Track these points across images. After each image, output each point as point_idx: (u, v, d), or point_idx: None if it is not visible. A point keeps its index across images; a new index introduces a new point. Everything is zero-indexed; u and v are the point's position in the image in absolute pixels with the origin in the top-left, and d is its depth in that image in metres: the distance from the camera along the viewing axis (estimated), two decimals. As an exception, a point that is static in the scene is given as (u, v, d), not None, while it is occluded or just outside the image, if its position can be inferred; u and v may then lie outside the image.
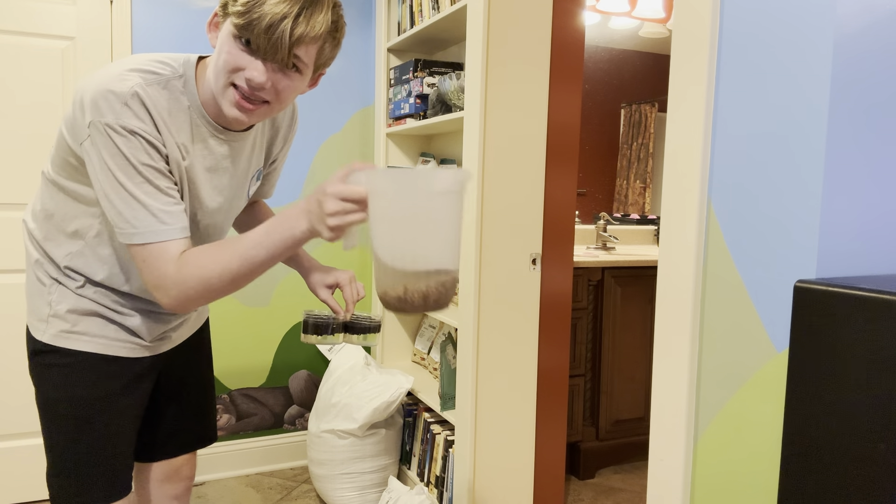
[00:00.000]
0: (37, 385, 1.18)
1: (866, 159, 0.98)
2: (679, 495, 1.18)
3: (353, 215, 0.94)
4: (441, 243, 0.96)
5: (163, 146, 1.02)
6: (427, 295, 0.96)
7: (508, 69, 1.94)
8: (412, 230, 0.94)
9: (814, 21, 0.95)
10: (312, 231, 0.97)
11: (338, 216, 0.93)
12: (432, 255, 0.95)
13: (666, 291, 1.20)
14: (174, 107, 1.05)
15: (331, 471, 2.30)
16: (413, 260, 0.95)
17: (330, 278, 1.36)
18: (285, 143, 1.32)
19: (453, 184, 0.95)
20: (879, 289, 0.80)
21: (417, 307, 0.96)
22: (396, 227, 0.94)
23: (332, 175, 0.95)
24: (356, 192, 0.92)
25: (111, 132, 0.97)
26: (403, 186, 0.93)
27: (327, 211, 0.92)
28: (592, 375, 2.71)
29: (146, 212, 0.99)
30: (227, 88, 1.02)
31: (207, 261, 0.99)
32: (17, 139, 2.24)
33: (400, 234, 0.94)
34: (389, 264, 0.94)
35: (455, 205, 0.96)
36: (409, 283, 0.95)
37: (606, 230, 3.17)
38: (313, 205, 0.95)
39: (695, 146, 1.14)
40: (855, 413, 0.82)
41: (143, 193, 0.99)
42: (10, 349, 2.28)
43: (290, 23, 0.96)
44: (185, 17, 2.43)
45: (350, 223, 0.94)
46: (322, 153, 2.71)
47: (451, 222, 0.97)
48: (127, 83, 0.98)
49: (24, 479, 2.33)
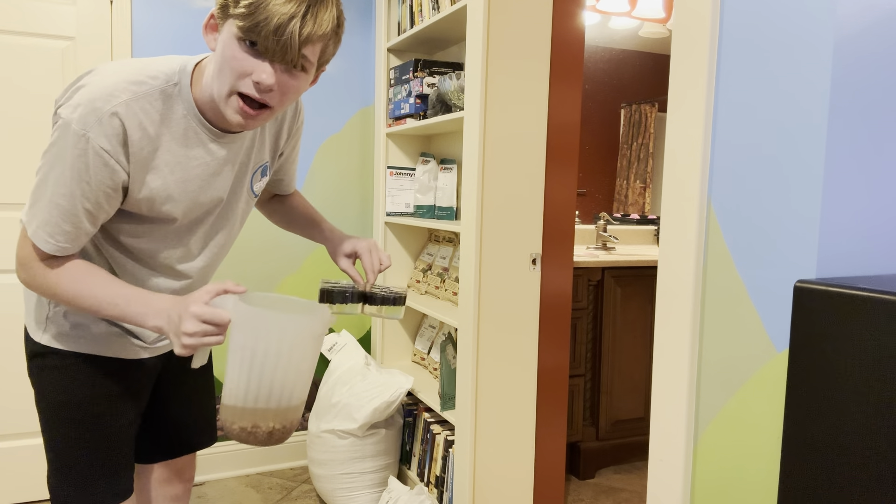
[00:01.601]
0: (36, 387, 1.17)
1: (866, 159, 0.98)
2: (679, 495, 1.18)
3: (210, 338, 0.94)
4: (298, 383, 0.97)
5: (122, 171, 1.02)
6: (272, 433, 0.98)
7: (508, 69, 1.94)
8: (270, 368, 0.94)
9: (814, 21, 0.95)
10: (162, 332, 0.99)
11: (194, 337, 0.93)
12: (285, 394, 0.96)
13: (666, 291, 1.20)
14: (166, 116, 1.04)
15: (331, 471, 2.30)
16: (267, 398, 0.95)
17: (349, 247, 1.34)
18: (290, 136, 1.31)
19: (318, 328, 0.97)
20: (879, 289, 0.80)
21: (262, 441, 0.98)
22: (256, 362, 0.93)
23: (202, 290, 0.96)
24: (219, 317, 0.93)
25: (72, 138, 0.97)
26: (268, 328, 0.93)
27: (185, 330, 0.93)
28: (592, 375, 2.71)
29: (46, 216, 1.00)
30: (230, 96, 1.00)
31: (67, 281, 1.02)
32: (17, 139, 2.24)
33: (257, 370, 0.94)
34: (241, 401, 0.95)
35: (316, 347, 0.99)
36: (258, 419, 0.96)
37: (606, 230, 3.17)
38: (175, 314, 0.96)
39: (695, 146, 1.14)
40: (855, 413, 0.82)
41: (56, 201, 0.99)
42: (10, 349, 2.28)
43: (298, 22, 0.95)
44: (185, 17, 2.43)
45: (205, 345, 0.95)
46: (322, 153, 2.70)
47: (310, 363, 0.99)
48: (113, 101, 0.98)
49: (24, 479, 2.33)
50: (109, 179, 1.01)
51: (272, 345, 0.93)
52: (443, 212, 2.35)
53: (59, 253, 1.03)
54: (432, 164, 2.46)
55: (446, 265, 2.46)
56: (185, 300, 0.96)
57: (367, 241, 1.33)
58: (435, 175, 2.45)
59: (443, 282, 2.43)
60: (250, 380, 0.94)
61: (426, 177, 2.46)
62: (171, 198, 1.09)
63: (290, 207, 1.46)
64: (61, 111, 0.99)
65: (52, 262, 1.04)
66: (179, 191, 1.09)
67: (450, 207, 2.33)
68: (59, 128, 0.98)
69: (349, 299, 1.31)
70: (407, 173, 2.56)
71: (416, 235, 2.70)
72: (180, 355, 0.96)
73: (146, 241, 1.13)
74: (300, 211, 1.45)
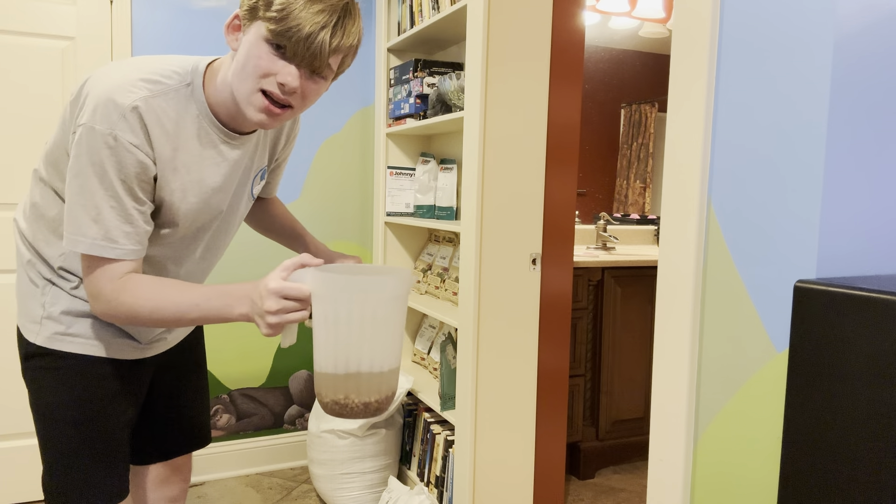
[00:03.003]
0: (31, 389, 1.16)
1: (866, 159, 0.98)
2: (679, 495, 1.18)
3: (294, 314, 0.93)
4: (386, 347, 0.95)
5: (153, 164, 1.01)
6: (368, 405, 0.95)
7: (508, 69, 1.94)
8: (357, 335, 0.93)
9: (814, 21, 0.95)
10: (249, 318, 0.97)
11: (278, 314, 0.93)
12: (376, 360, 0.94)
13: (666, 291, 1.20)
14: (182, 116, 1.04)
15: (331, 471, 2.30)
16: (358, 363, 0.93)
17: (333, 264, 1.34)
18: (288, 142, 1.32)
19: (400, 289, 0.95)
20: (879, 289, 0.80)
21: (357, 413, 0.96)
22: (341, 331, 0.92)
23: (278, 267, 0.95)
24: (299, 291, 0.92)
25: (100, 139, 0.96)
26: (350, 291, 0.91)
27: (267, 308, 0.92)
28: (592, 375, 2.71)
29: (99, 226, 0.98)
30: (254, 94, 1.01)
31: (143, 296, 1.00)
32: (17, 139, 2.24)
33: (343, 339, 0.92)
34: (331, 369, 0.93)
35: (401, 308, 0.97)
36: (351, 389, 0.94)
37: (606, 230, 3.17)
38: (255, 296, 0.95)
39: (695, 146, 1.14)
40: (855, 413, 0.82)
41: (106, 206, 0.98)
42: (9, 350, 2.28)
43: (329, 32, 0.97)
44: (186, 17, 2.43)
45: (289, 322, 0.94)
46: (322, 153, 2.71)
47: (396, 326, 0.96)
48: (131, 96, 0.98)
49: (24, 479, 2.33)
50: (144, 174, 1.01)
51: (355, 308, 0.91)
52: (443, 212, 2.35)
53: (128, 257, 1.01)
54: (432, 164, 2.46)
55: (446, 265, 2.46)
56: (263, 281, 0.94)
57: (351, 258, 1.32)
58: (435, 175, 2.45)
59: (443, 282, 2.43)
60: (338, 347, 0.92)
61: (426, 177, 2.46)
62: (186, 200, 1.09)
63: (271, 214, 1.45)
64: (80, 119, 0.98)
65: (123, 283, 1.01)
66: (195, 191, 1.10)
67: (450, 207, 2.33)
68: (83, 136, 0.97)
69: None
70: (407, 173, 2.56)
71: (416, 235, 2.70)
72: (268, 335, 0.95)
73: (154, 242, 1.12)
74: (281, 219, 1.43)
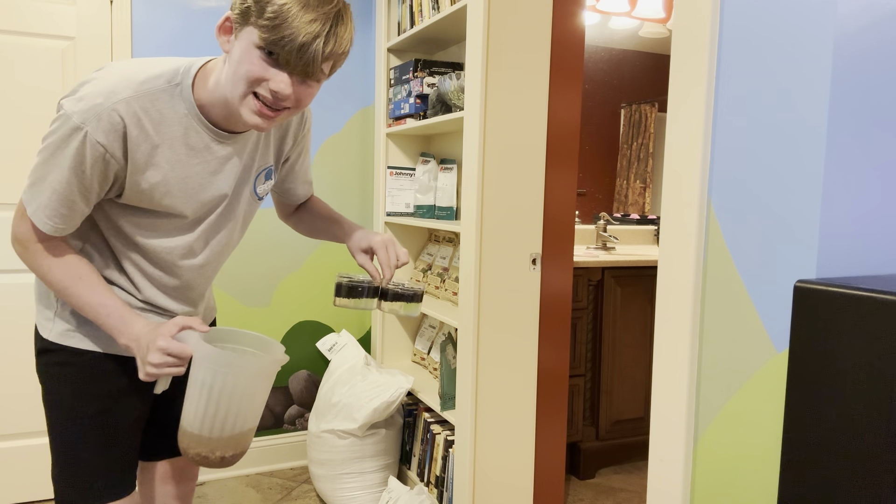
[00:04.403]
0: (43, 383, 1.19)
1: (867, 159, 0.98)
2: (679, 495, 1.18)
3: (171, 369, 1.05)
4: (249, 415, 1.09)
5: (117, 162, 1.05)
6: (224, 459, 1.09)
7: (508, 69, 1.94)
8: (225, 404, 1.05)
9: (814, 20, 0.95)
10: (131, 352, 1.09)
11: (158, 367, 1.04)
12: (238, 424, 1.08)
13: (666, 291, 1.20)
14: (166, 115, 1.07)
15: (331, 471, 2.30)
16: (221, 428, 1.07)
17: (364, 242, 1.34)
18: (296, 142, 1.32)
19: (272, 368, 1.08)
20: (879, 289, 0.80)
21: (215, 465, 1.09)
22: (212, 397, 1.05)
23: (170, 323, 1.06)
24: (183, 352, 1.04)
25: (71, 130, 1.00)
26: (222, 366, 1.03)
27: (150, 360, 1.03)
28: (592, 375, 2.71)
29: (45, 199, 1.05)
30: (246, 97, 1.03)
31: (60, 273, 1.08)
32: (17, 139, 2.24)
33: (213, 405, 1.05)
34: (197, 429, 1.06)
35: (266, 385, 1.10)
36: (214, 447, 1.08)
37: (606, 230, 3.17)
38: (144, 343, 1.05)
39: (695, 146, 1.14)
40: (855, 413, 0.82)
41: (57, 187, 1.04)
42: (11, 349, 2.28)
43: (321, 41, 0.98)
44: (185, 17, 2.43)
45: (166, 374, 1.05)
46: (322, 153, 2.71)
47: (259, 398, 1.10)
48: (113, 98, 1.01)
49: (24, 479, 2.33)
50: (104, 170, 1.05)
51: (228, 383, 1.04)
52: (443, 212, 2.35)
53: (56, 233, 1.08)
54: (432, 164, 2.46)
55: (446, 265, 2.46)
56: (155, 332, 1.05)
57: (382, 237, 1.33)
58: (435, 175, 2.45)
59: (443, 282, 2.43)
60: (206, 412, 1.05)
61: (426, 177, 2.46)
62: (170, 193, 1.11)
63: (312, 214, 1.46)
64: (64, 102, 1.02)
65: (50, 248, 1.08)
66: (179, 188, 1.11)
67: (450, 207, 2.33)
68: (61, 118, 1.01)
69: (363, 294, 1.31)
70: (407, 173, 2.56)
71: (416, 235, 2.70)
72: (143, 380, 1.06)
73: (149, 235, 1.14)
74: (321, 215, 1.45)
